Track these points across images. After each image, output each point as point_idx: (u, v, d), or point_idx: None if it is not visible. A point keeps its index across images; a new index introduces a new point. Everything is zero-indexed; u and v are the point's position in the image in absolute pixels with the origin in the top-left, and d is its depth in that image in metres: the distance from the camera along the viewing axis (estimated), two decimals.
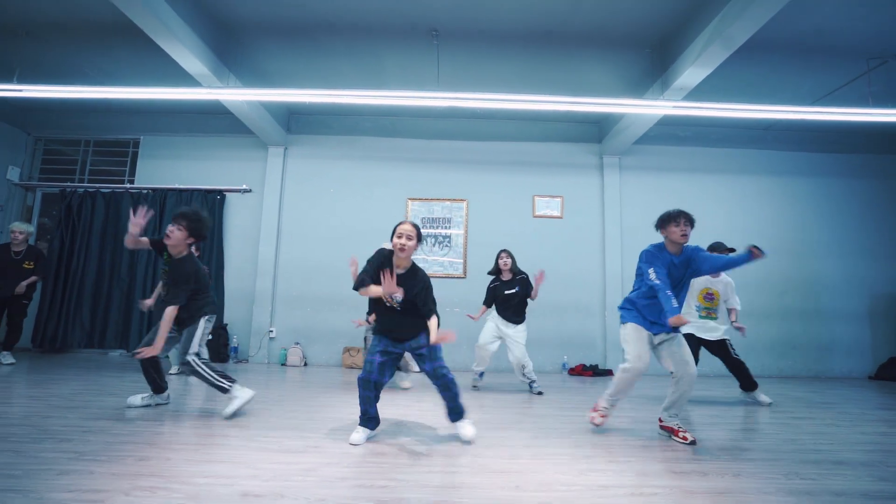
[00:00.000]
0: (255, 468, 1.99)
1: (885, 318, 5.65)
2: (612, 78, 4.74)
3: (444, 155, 5.89)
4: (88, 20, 4.08)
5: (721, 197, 5.90)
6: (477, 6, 3.77)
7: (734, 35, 3.38)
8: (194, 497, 1.69)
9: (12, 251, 4.77)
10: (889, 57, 4.20)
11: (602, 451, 2.39)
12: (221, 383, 2.89)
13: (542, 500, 1.75)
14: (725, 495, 1.84)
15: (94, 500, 1.64)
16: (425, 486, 1.85)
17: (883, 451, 2.53)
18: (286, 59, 4.63)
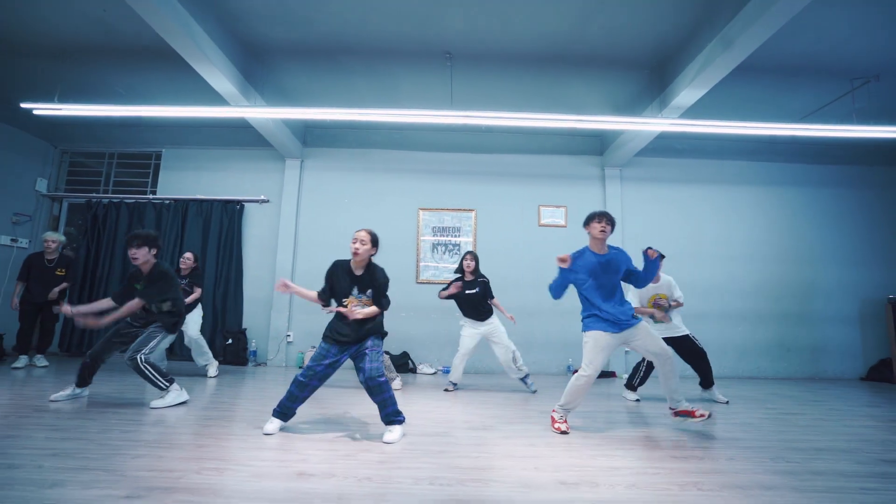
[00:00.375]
0: (301, 454, 2.25)
1: (874, 322, 5.91)
2: (614, 96, 5.04)
3: (454, 167, 6.18)
4: (124, 43, 4.37)
5: (718, 206, 6.19)
6: (488, 32, 4.07)
7: (727, 60, 3.66)
8: (258, 475, 1.94)
9: (46, 259, 5.03)
10: (871, 77, 4.50)
11: (609, 441, 2.64)
12: (159, 382, 3.18)
13: (559, 478, 2.00)
14: (719, 474, 2.10)
15: (171, 477, 1.89)
16: (457, 467, 2.11)
17: (863, 441, 2.78)
18: (308, 77, 4.92)
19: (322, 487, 1.83)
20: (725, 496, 1.85)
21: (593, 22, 3.90)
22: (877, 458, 2.44)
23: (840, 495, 1.90)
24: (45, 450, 2.17)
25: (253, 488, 1.80)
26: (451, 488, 1.86)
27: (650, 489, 1.91)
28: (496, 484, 1.93)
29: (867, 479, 2.08)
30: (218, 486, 1.82)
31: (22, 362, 4.75)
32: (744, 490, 1.92)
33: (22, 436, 2.39)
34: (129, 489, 1.76)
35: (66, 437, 2.39)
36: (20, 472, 1.89)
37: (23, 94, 5.19)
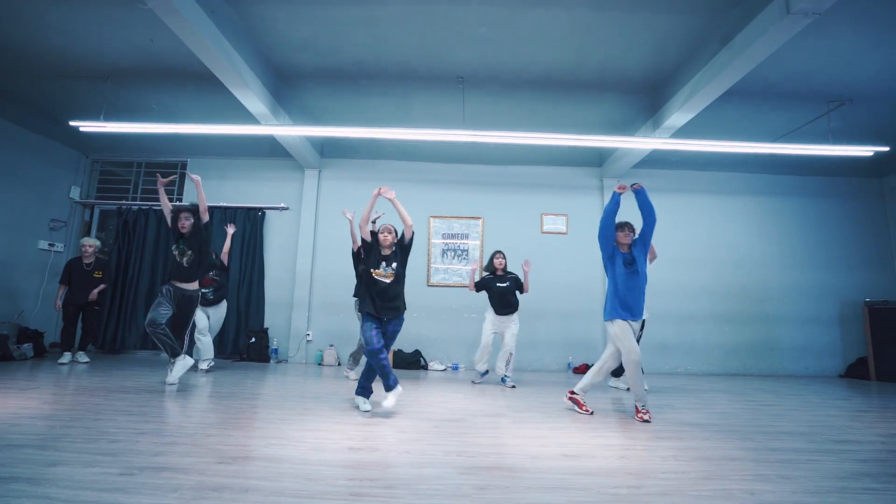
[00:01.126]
0: (346, 434, 2.68)
1: (853, 323, 6.37)
2: (611, 116, 5.48)
3: (462, 177, 6.61)
4: (163, 67, 4.78)
5: (707, 215, 6.63)
6: (497, 61, 4.50)
7: (713, 89, 4.10)
8: (316, 448, 2.38)
9: (84, 263, 5.45)
10: (845, 100, 4.94)
11: (605, 425, 3.08)
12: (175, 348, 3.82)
13: (562, 452, 2.44)
14: (694, 450, 2.54)
15: (244, 449, 2.32)
16: (478, 444, 2.55)
17: (822, 426, 3.22)
18: (330, 98, 5.34)
19: (369, 458, 2.26)
20: (697, 465, 2.29)
21: (592, 54, 4.34)
22: (829, 438, 2.88)
23: (789, 465, 2.33)
24: (131, 430, 2.60)
25: (317, 458, 2.24)
26: (474, 459, 2.29)
27: (637, 460, 2.35)
28: (511, 456, 2.36)
29: (814, 454, 2.52)
30: (288, 456, 2.25)
31: (66, 358, 5.18)
32: (713, 461, 2.36)
33: (105, 419, 2.82)
34: (216, 457, 2.18)
35: (144, 419, 2.82)
36: (118, 445, 2.32)
37: (66, 111, 5.63)
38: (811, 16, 2.98)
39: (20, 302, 5.93)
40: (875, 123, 5.37)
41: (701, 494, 1.90)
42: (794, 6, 2.97)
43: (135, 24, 4.03)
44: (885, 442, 2.85)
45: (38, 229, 6.22)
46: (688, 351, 6.28)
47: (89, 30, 4.17)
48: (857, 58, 4.31)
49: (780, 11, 3.07)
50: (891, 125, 5.40)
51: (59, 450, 2.20)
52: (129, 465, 2.04)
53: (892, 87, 4.70)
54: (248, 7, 3.84)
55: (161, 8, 3.15)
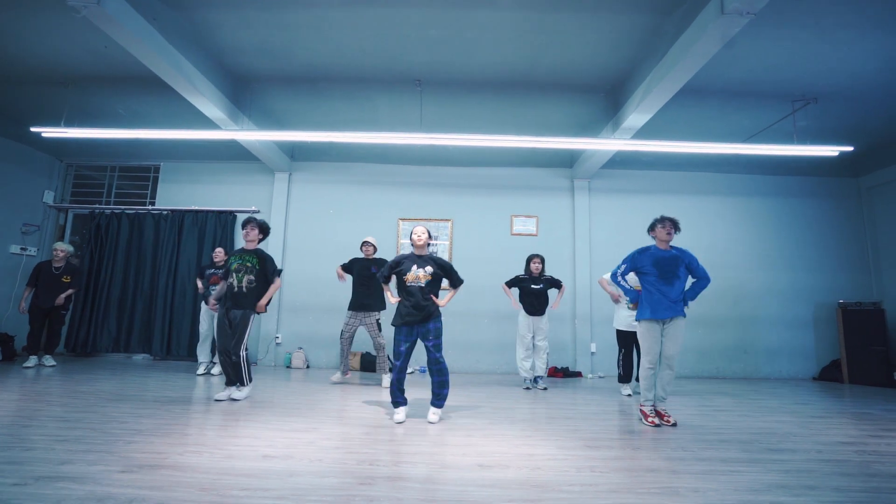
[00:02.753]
0: (269, 441, 2.67)
1: (826, 325, 6.29)
2: (575, 116, 5.43)
3: (431, 179, 6.59)
4: (123, 73, 4.78)
5: (679, 216, 6.47)
6: (453, 62, 4.47)
7: (665, 88, 4.04)
8: (230, 456, 2.37)
9: (53, 267, 5.47)
10: (810, 99, 4.87)
11: (539, 433, 3.05)
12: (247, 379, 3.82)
13: (481, 462, 2.42)
14: (617, 460, 2.50)
15: (158, 457, 2.32)
16: (397, 453, 2.53)
17: (766, 434, 3.18)
18: (291, 101, 5.33)
19: (280, 465, 2.25)
20: (610, 477, 2.26)
21: (545, 54, 4.30)
22: (766, 447, 2.84)
23: (707, 476, 2.30)
24: (53, 437, 2.61)
25: (222, 466, 2.23)
26: (383, 468, 2.27)
27: (550, 471, 2.32)
28: (422, 465, 2.34)
29: (739, 464, 2.48)
30: (195, 464, 2.24)
31: (32, 362, 5.21)
32: (630, 473, 2.33)
33: (35, 425, 2.82)
34: (123, 466, 2.18)
35: (72, 426, 2.82)
36: (30, 453, 2.32)
37: (31, 116, 5.65)
38: (746, 15, 2.93)
39: None
40: (841, 123, 5.30)
41: None
42: (728, 6, 2.93)
43: (86, 31, 4.02)
44: (821, 451, 2.80)
45: (10, 233, 6.25)
46: None
47: (41, 36, 4.18)
48: (817, 56, 4.24)
49: (715, 12, 3.03)
50: (856, 125, 5.33)
51: None
52: (29, 474, 2.04)
53: (855, 87, 4.63)
54: (193, 12, 3.84)
55: (96, 16, 3.15)
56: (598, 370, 6.11)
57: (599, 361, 6.16)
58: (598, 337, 6.21)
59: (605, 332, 6.25)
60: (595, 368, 6.13)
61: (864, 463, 2.58)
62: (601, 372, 6.08)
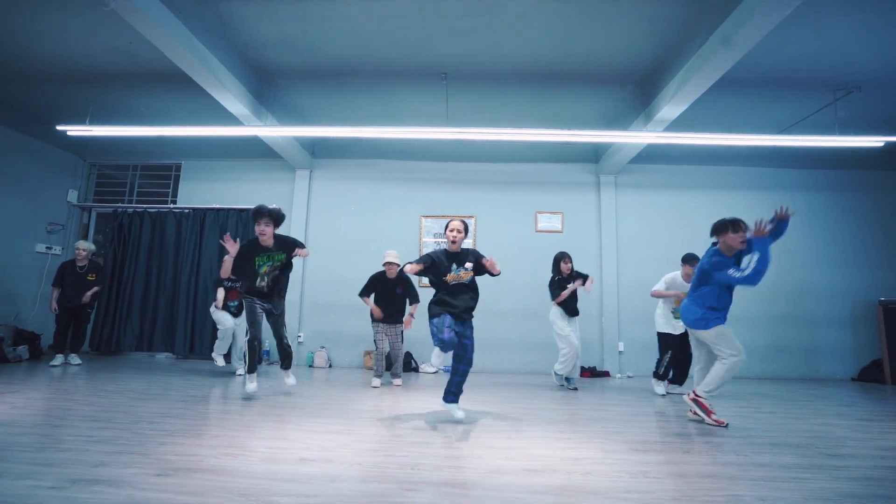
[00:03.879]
0: (304, 443, 2.58)
1: (865, 324, 6.04)
2: (603, 109, 5.28)
3: (455, 175, 6.48)
4: (147, 70, 4.77)
5: (710, 211, 6.28)
6: (480, 54, 4.36)
7: (703, 78, 3.89)
8: (266, 459, 2.28)
9: (77, 266, 5.49)
10: (853, 88, 4.65)
11: (581, 435, 2.92)
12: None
13: (527, 466, 2.30)
14: (670, 465, 2.37)
15: (192, 459, 2.24)
16: (437, 456, 2.42)
17: (818, 437, 3.01)
18: (315, 97, 5.27)
19: (319, 470, 2.16)
20: (666, 484, 2.12)
21: (577, 44, 4.16)
22: (823, 452, 2.67)
23: (770, 483, 2.15)
24: (85, 437, 2.55)
25: (259, 470, 2.14)
26: (427, 473, 2.17)
27: (602, 476, 2.20)
28: (468, 470, 2.23)
29: (801, 471, 2.33)
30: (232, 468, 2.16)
31: (58, 360, 5.22)
32: (686, 479, 2.19)
33: (66, 425, 2.78)
34: (159, 469, 2.11)
35: (103, 426, 2.77)
36: (64, 454, 2.27)
37: (56, 115, 5.67)
38: None
39: (17, 304, 6.02)
40: (886, 112, 5.06)
41: None
42: None
43: (112, 27, 4.00)
44: (885, 457, 2.63)
45: (36, 233, 6.30)
46: None
47: (67, 34, 4.17)
48: (863, 42, 4.04)
49: None
50: None
51: (3, 460, 2.15)
52: (65, 476, 1.98)
53: None
54: (217, 5, 3.78)
55: (123, 8, 3.10)
56: (626, 370, 5.94)
57: (627, 361, 5.99)
58: (626, 336, 6.04)
59: (632, 330, 6.09)
60: (623, 368, 5.96)
61: None
62: (630, 371, 5.91)
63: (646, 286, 6.22)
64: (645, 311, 6.15)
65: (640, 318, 6.12)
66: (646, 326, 6.11)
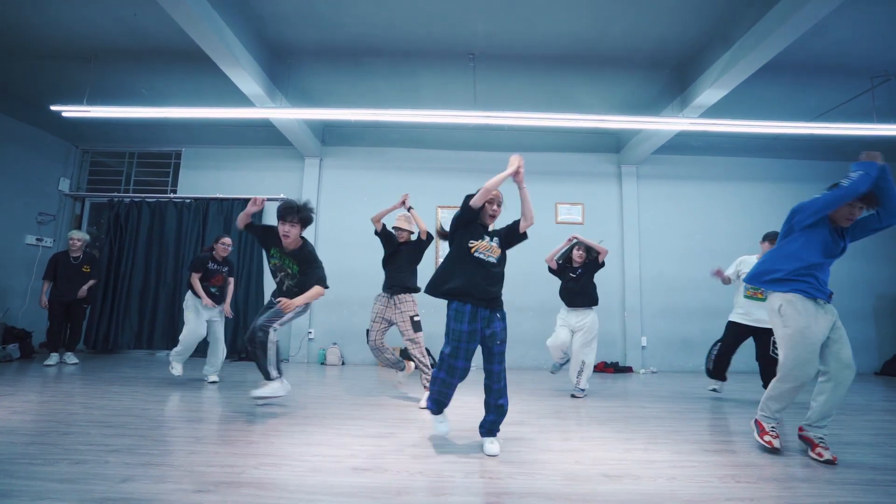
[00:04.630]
0: (350, 449, 2.33)
1: (889, 317, 5.97)
2: (633, 96, 5.07)
3: (471, 165, 6.23)
4: (150, 46, 4.43)
5: (732, 203, 6.23)
6: (512, 34, 4.11)
7: (753, 60, 3.69)
8: (315, 470, 2.03)
9: (71, 257, 5.11)
10: (892, 75, 4.52)
11: (638, 435, 2.72)
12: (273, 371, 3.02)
13: (603, 471, 2.09)
14: (753, 467, 2.17)
15: (231, 472, 1.98)
16: (501, 462, 2.19)
17: (886, 434, 2.86)
18: (330, 78, 4.97)
19: (378, 481, 1.92)
20: (763, 488, 1.93)
21: (615, 24, 3.94)
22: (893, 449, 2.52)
23: (872, 487, 1.97)
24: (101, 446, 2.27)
25: (311, 483, 1.89)
26: (502, 482, 1.94)
27: (691, 481, 1.99)
28: (542, 477, 2.01)
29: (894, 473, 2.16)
30: (279, 481, 1.91)
31: (53, 360, 4.86)
32: (780, 483, 2.00)
33: (76, 432, 2.49)
34: (196, 484, 1.84)
35: (119, 433, 2.49)
36: (81, 467, 1.99)
37: (48, 96, 5.28)
38: None
39: (6, 300, 5.63)
40: None
41: None
42: None
43: None
44: None
45: (26, 223, 5.90)
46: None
47: (67, 5, 3.81)
48: None
49: None
50: None
51: (10, 475, 1.86)
52: (87, 495, 1.70)
53: None
54: None
55: None
56: (649, 365, 5.78)
57: (650, 356, 5.83)
58: (649, 330, 5.88)
59: (655, 325, 5.94)
60: (647, 363, 5.80)
61: None
62: (653, 367, 5.75)
63: (669, 280, 6.09)
64: (668, 306, 6.01)
65: (663, 313, 5.97)
66: (669, 321, 5.98)
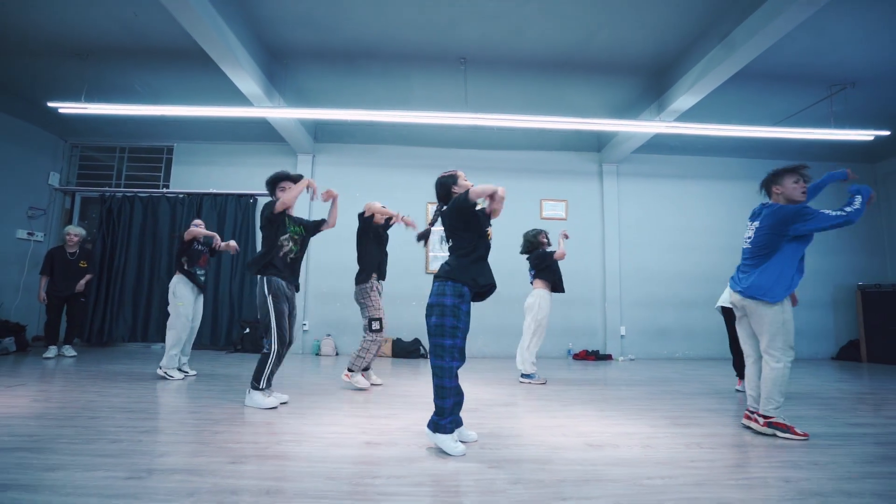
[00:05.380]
0: (360, 428, 2.58)
1: (845, 307, 6.47)
2: (614, 99, 5.37)
3: (459, 162, 6.45)
4: (148, 44, 4.51)
5: (707, 200, 6.63)
6: (501, 41, 4.34)
7: (726, 67, 4.00)
8: (335, 444, 2.27)
9: (67, 252, 5.18)
10: (848, 84, 4.92)
11: (619, 413, 3.04)
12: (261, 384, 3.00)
13: (587, 441, 2.38)
14: (716, 436, 2.50)
15: (257, 447, 2.20)
16: (497, 435, 2.47)
17: (832, 409, 3.24)
18: (325, 78, 5.12)
19: (391, 452, 2.17)
20: (723, 453, 2.25)
21: (598, 34, 4.21)
22: (843, 422, 2.89)
23: (815, 450, 2.31)
24: (132, 428, 2.46)
25: (333, 454, 2.13)
26: (498, 451, 2.22)
27: (663, 448, 2.30)
28: (533, 447, 2.29)
29: (834, 439, 2.51)
30: (303, 454, 2.14)
31: (52, 353, 4.95)
32: (737, 448, 2.33)
33: (103, 416, 2.66)
34: (229, 457, 2.06)
35: (144, 417, 2.67)
36: (119, 445, 2.18)
37: (41, 91, 5.30)
38: None
39: None
40: (876, 108, 5.38)
41: (738, 483, 1.85)
42: None
43: None
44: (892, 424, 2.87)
45: (16, 217, 5.90)
46: (687, 336, 6.31)
47: (68, 3, 3.88)
48: (859, 41, 4.27)
49: None
50: (892, 109, 5.41)
51: (57, 452, 2.05)
52: (135, 467, 1.90)
53: (892, 73, 4.68)
54: None
55: None
56: (628, 352, 6.16)
57: (629, 344, 6.21)
58: (628, 320, 6.25)
59: (634, 314, 6.31)
60: (625, 351, 6.18)
61: None
62: (631, 354, 6.14)
63: (647, 272, 6.46)
64: (646, 297, 6.39)
65: (641, 303, 6.35)
66: (647, 311, 6.36)
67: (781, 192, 2.66)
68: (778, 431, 2.52)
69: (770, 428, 2.54)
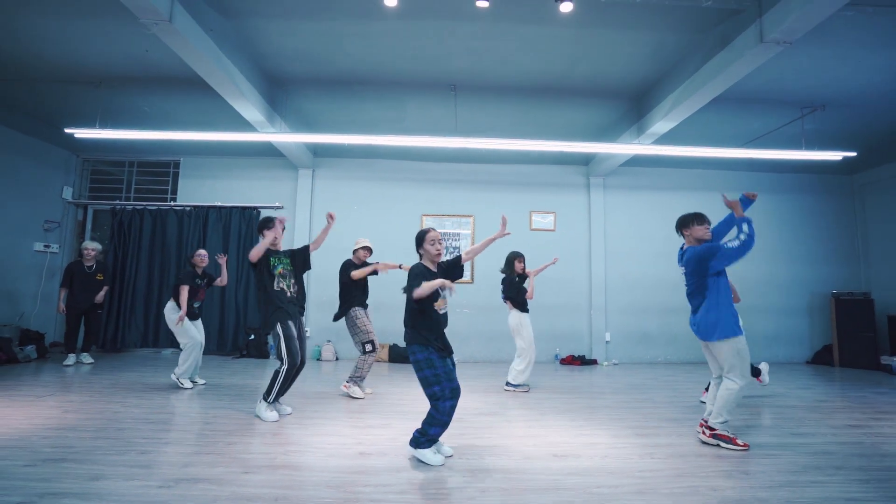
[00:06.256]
0: (356, 438, 2.93)
1: (820, 313, 6.80)
2: (597, 121, 5.66)
3: (453, 176, 6.78)
4: (158, 74, 4.80)
5: (689, 210, 6.84)
6: (490, 70, 4.63)
7: (695, 101, 4.30)
8: (332, 454, 2.62)
9: (85, 266, 5.53)
10: (818, 106, 5.20)
11: (590, 423, 3.38)
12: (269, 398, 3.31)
13: (554, 452, 2.73)
14: (669, 447, 2.84)
15: (267, 457, 2.55)
16: (476, 446, 2.82)
17: (784, 419, 3.58)
18: (324, 101, 5.41)
19: (382, 462, 2.52)
20: (670, 462, 2.59)
21: (580, 64, 4.50)
22: (789, 431, 3.23)
23: (750, 460, 2.66)
24: (156, 440, 2.81)
25: (332, 464, 2.48)
26: (474, 461, 2.56)
27: (617, 459, 2.65)
28: (506, 457, 2.64)
29: (773, 449, 2.86)
30: (307, 464, 2.49)
31: (71, 360, 5.32)
32: (685, 458, 2.67)
33: (129, 427, 3.02)
34: (242, 467, 2.41)
35: (165, 428, 3.03)
36: (148, 456, 2.53)
37: (57, 116, 5.62)
38: (783, 44, 3.19)
39: (19, 304, 6.01)
40: (845, 128, 5.66)
41: (673, 492, 2.20)
42: (768, 35, 3.17)
43: (130, 36, 4.05)
44: (836, 434, 3.21)
45: (33, 231, 6.24)
46: (669, 341, 6.65)
47: (84, 40, 4.18)
48: (827, 70, 4.54)
49: (754, 39, 3.27)
50: (860, 130, 5.70)
51: (97, 463, 2.40)
52: (165, 476, 2.26)
53: (860, 97, 4.96)
54: (243, 20, 3.91)
55: (164, 32, 3.22)
56: (612, 357, 6.51)
57: (614, 349, 6.56)
58: (613, 326, 6.59)
59: (619, 321, 6.65)
60: (610, 356, 6.53)
61: (874, 444, 2.99)
62: (616, 359, 6.49)
63: (631, 280, 6.79)
64: (630, 303, 6.73)
65: (626, 311, 6.69)
66: (631, 317, 6.70)
67: (690, 234, 3.10)
68: (721, 442, 2.86)
69: (714, 439, 2.89)
